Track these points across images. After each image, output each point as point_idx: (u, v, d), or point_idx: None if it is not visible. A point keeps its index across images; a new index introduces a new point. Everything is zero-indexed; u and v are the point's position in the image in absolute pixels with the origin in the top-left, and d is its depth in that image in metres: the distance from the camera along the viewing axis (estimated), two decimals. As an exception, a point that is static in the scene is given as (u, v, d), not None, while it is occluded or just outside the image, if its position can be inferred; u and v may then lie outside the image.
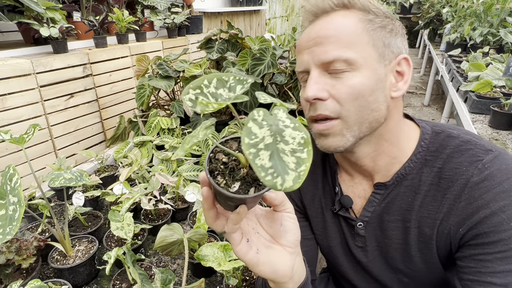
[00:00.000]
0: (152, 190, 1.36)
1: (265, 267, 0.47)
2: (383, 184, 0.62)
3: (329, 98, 0.56)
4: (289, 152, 0.31)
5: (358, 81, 0.54)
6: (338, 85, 0.55)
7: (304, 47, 0.58)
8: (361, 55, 0.54)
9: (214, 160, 0.41)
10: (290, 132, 0.33)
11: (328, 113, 0.56)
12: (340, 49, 0.54)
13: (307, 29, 0.60)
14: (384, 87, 0.56)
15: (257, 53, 2.12)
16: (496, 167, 0.53)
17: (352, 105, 0.55)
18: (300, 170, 0.31)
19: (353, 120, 0.56)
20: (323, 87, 0.56)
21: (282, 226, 0.48)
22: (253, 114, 0.33)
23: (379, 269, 0.68)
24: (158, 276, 0.90)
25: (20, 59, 1.81)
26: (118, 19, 2.36)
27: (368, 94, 0.55)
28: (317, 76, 0.56)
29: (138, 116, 2.11)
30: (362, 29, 0.55)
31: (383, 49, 0.56)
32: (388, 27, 0.57)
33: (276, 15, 5.36)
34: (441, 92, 4.73)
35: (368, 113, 0.56)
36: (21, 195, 0.81)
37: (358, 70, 0.54)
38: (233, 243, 0.47)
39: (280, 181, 0.29)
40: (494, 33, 2.96)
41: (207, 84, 0.38)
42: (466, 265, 0.54)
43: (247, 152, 0.30)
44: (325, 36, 0.55)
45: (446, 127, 0.62)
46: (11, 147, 1.73)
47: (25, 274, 1.05)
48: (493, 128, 1.55)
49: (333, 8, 0.57)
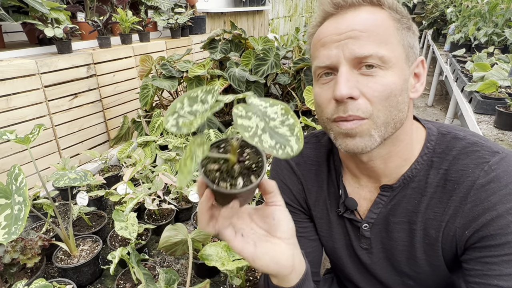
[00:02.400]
0: (156, 190, 1.36)
1: (266, 260, 0.48)
2: (390, 186, 0.62)
3: (360, 97, 0.53)
4: (280, 124, 0.37)
5: (391, 80, 0.53)
6: (370, 83, 0.53)
7: (332, 40, 0.54)
8: (394, 54, 0.53)
9: (208, 172, 0.43)
10: (271, 110, 0.38)
11: (360, 114, 0.53)
12: (376, 45, 0.52)
13: (331, 21, 0.56)
14: (407, 88, 0.56)
15: (261, 53, 2.12)
16: (502, 169, 0.53)
17: (383, 105, 0.53)
18: (296, 133, 0.36)
19: (382, 120, 0.54)
20: (355, 85, 0.53)
21: (275, 220, 0.49)
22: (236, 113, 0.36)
23: (384, 271, 0.68)
24: (162, 276, 0.90)
25: (25, 59, 1.82)
26: (122, 19, 2.37)
27: (399, 94, 0.54)
28: (348, 72, 0.53)
29: (142, 116, 2.11)
30: (394, 27, 0.54)
31: (409, 50, 0.56)
32: (412, 28, 0.57)
33: (279, 15, 5.35)
34: (445, 92, 4.70)
35: (396, 113, 0.55)
36: (27, 194, 0.82)
37: (390, 69, 0.53)
38: (228, 239, 0.48)
39: (289, 149, 0.35)
40: (499, 33, 2.94)
41: (180, 106, 0.39)
42: (472, 267, 0.53)
43: (253, 143, 0.34)
44: (361, 30, 0.52)
45: (452, 128, 0.62)
46: (16, 146, 1.74)
47: (30, 274, 1.06)
48: (498, 128, 1.54)
49: (360, 3, 0.55)
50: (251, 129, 0.35)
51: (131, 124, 2.17)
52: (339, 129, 0.56)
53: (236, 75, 1.98)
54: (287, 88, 2.31)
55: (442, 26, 4.83)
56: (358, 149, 0.55)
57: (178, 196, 1.52)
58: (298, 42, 2.49)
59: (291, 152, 0.34)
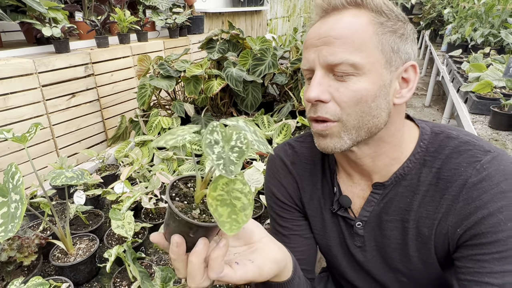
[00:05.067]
0: (153, 189, 1.37)
1: (269, 266, 0.49)
2: (382, 184, 0.63)
3: (330, 101, 0.55)
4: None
5: (363, 87, 0.53)
6: (341, 89, 0.54)
7: (312, 44, 0.57)
8: (369, 60, 0.53)
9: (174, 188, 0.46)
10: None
11: (328, 116, 0.55)
12: (348, 52, 0.52)
13: (316, 25, 0.58)
14: (387, 93, 0.56)
15: (258, 53, 2.12)
16: (494, 168, 0.53)
17: (353, 110, 0.54)
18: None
19: (352, 124, 0.55)
20: (326, 89, 0.55)
21: (244, 229, 0.50)
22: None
23: (378, 269, 0.68)
24: (158, 274, 0.90)
25: (22, 58, 1.82)
26: (120, 19, 2.37)
27: (371, 100, 0.54)
28: (321, 77, 0.55)
29: (139, 116, 2.12)
30: (372, 32, 0.53)
31: (391, 55, 0.55)
32: (399, 32, 0.56)
33: (277, 15, 5.36)
34: (442, 92, 4.72)
35: (369, 119, 0.55)
36: (23, 193, 0.82)
37: (364, 75, 0.53)
38: (230, 276, 0.44)
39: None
40: (495, 34, 2.96)
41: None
42: (463, 265, 0.54)
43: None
44: (334, 37, 0.53)
45: (446, 128, 0.63)
46: (13, 145, 1.74)
47: (26, 272, 1.06)
48: (493, 128, 1.55)
49: (344, 6, 0.55)
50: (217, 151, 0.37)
51: (129, 124, 2.17)
52: (313, 129, 0.60)
53: (233, 75, 1.98)
54: (285, 88, 2.31)
55: (439, 27, 4.86)
56: (329, 149, 0.58)
57: (175, 195, 1.52)
58: (296, 42, 2.49)
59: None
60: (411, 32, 0.58)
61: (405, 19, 0.58)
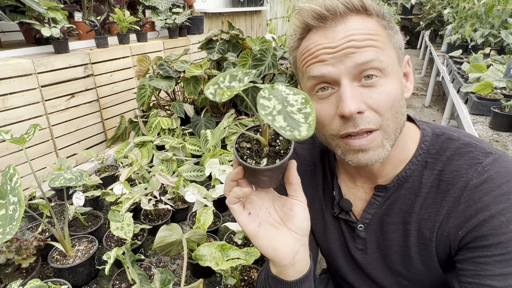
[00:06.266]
0: (152, 190, 1.36)
1: (264, 241, 0.51)
2: (384, 187, 0.62)
3: (366, 110, 0.52)
4: (297, 111, 0.40)
5: (391, 87, 0.53)
6: (374, 94, 0.52)
7: (328, 52, 0.52)
8: (390, 60, 0.54)
9: (240, 149, 0.49)
10: (292, 97, 0.42)
11: (371, 126, 0.52)
12: (376, 53, 0.51)
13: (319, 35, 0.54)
14: (403, 90, 0.57)
15: (258, 54, 2.12)
16: (495, 169, 0.53)
17: (390, 113, 0.53)
18: (309, 121, 0.39)
19: (392, 128, 0.54)
20: (360, 98, 0.51)
21: (292, 211, 0.52)
22: (261, 93, 0.42)
23: (379, 272, 0.68)
24: (157, 276, 0.90)
25: (22, 59, 1.82)
26: (119, 19, 2.36)
27: (400, 98, 0.54)
28: (351, 87, 0.52)
29: (139, 116, 2.11)
30: (386, 33, 0.55)
31: (399, 52, 0.57)
32: (396, 29, 0.58)
33: (277, 15, 5.36)
34: (442, 93, 4.72)
35: (401, 118, 0.55)
36: (21, 195, 0.82)
37: (389, 76, 0.53)
38: (235, 214, 0.52)
39: (297, 132, 0.38)
40: (495, 34, 2.95)
41: (222, 80, 0.46)
42: (465, 267, 0.54)
43: (266, 120, 0.38)
44: (360, 39, 0.51)
45: (447, 129, 0.62)
46: (12, 146, 1.73)
47: (25, 274, 1.06)
48: (493, 129, 1.55)
49: (347, 13, 0.53)
50: (268, 109, 0.39)
51: (128, 124, 2.17)
52: (348, 146, 0.54)
53: (233, 76, 1.98)
54: (285, 88, 2.30)
55: (439, 27, 4.86)
56: (372, 162, 0.54)
57: (174, 197, 1.52)
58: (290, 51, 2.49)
59: (298, 135, 0.37)
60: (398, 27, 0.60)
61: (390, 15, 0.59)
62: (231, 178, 0.50)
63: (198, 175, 1.64)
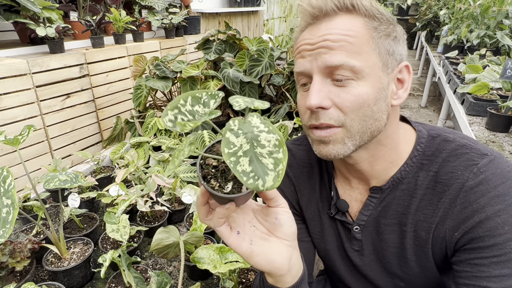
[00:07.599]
0: (149, 191, 1.35)
1: (260, 258, 0.49)
2: (379, 188, 0.62)
3: (332, 107, 0.54)
4: (267, 155, 0.35)
5: (363, 91, 0.53)
6: (342, 94, 0.53)
7: (306, 50, 0.56)
8: (367, 63, 0.53)
9: (205, 166, 0.43)
10: (265, 136, 0.36)
11: (332, 122, 0.54)
12: (348, 56, 0.52)
13: (306, 31, 0.57)
14: (386, 96, 0.56)
15: (255, 54, 2.12)
16: (491, 171, 0.53)
17: (357, 115, 0.53)
18: (278, 170, 0.34)
19: (356, 129, 0.55)
20: (326, 95, 0.54)
21: (277, 220, 0.50)
22: (229, 125, 0.36)
23: (375, 273, 0.68)
24: (154, 279, 0.89)
25: (16, 59, 1.80)
26: (116, 19, 2.35)
27: (373, 103, 0.54)
28: (320, 83, 0.54)
29: (135, 117, 2.10)
30: (369, 36, 0.53)
31: (387, 58, 0.55)
32: (392, 35, 0.56)
33: (274, 16, 5.36)
34: (438, 93, 4.75)
35: (371, 122, 0.55)
36: (15, 197, 0.81)
37: (363, 79, 0.53)
38: (223, 236, 0.49)
39: (261, 182, 0.33)
40: (491, 35, 2.97)
41: (183, 103, 0.40)
42: (461, 269, 0.54)
43: (228, 161, 0.33)
44: (333, 40, 0.52)
45: (443, 131, 0.62)
46: (6, 147, 1.72)
47: (19, 277, 1.04)
48: (489, 130, 1.56)
49: (335, 11, 0.54)
50: (233, 147, 0.34)
51: (124, 125, 2.15)
52: (314, 136, 0.58)
53: (230, 76, 1.97)
54: (281, 89, 2.31)
55: (436, 28, 4.89)
56: (331, 156, 0.57)
57: (171, 198, 1.51)
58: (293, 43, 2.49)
59: (262, 186, 0.33)
60: (401, 33, 0.59)
61: (394, 21, 0.58)
62: (201, 203, 0.47)
63: (195, 176, 1.64)
